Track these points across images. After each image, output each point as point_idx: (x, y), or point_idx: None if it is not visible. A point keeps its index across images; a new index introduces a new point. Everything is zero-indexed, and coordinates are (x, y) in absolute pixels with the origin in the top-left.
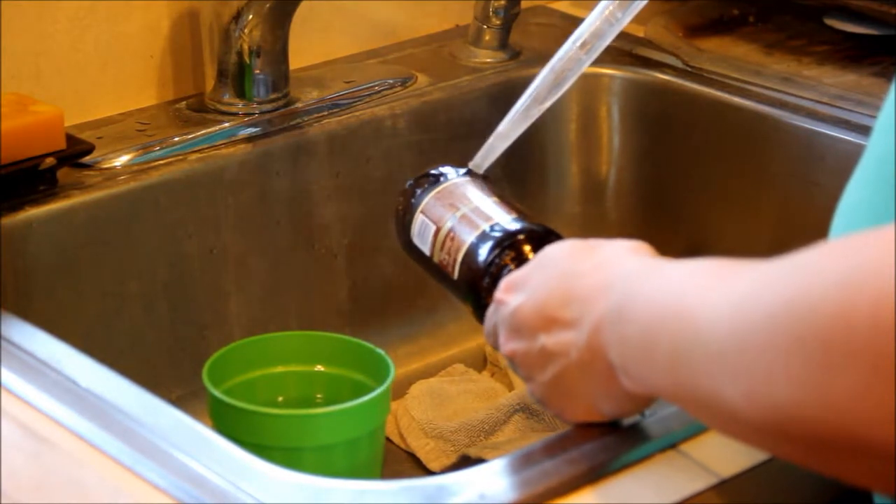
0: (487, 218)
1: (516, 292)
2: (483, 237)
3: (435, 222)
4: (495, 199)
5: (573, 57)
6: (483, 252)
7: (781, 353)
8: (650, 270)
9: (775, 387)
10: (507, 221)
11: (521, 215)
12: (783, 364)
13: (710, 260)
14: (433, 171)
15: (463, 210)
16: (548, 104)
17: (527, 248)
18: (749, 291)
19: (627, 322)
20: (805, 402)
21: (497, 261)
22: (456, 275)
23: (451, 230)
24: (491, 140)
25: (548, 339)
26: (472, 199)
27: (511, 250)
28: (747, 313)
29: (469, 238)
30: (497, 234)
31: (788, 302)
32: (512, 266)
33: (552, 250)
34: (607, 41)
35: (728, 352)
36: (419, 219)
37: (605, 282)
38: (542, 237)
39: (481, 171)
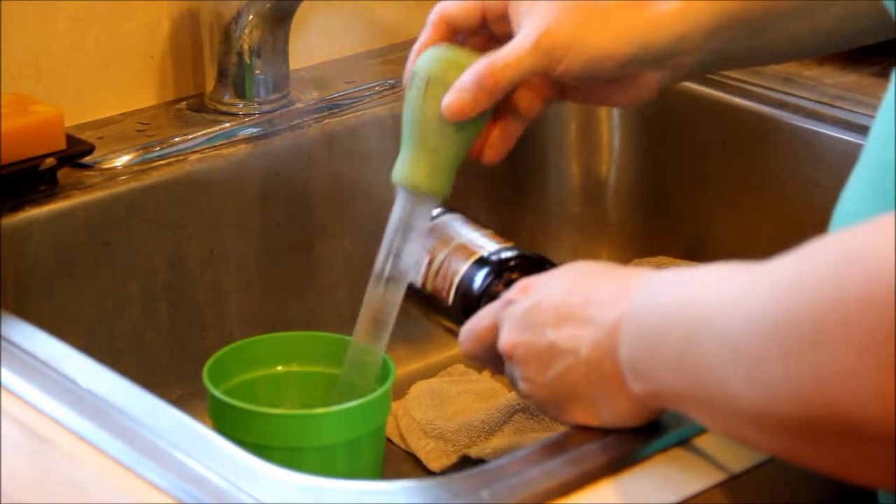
0: (481, 247)
1: (531, 292)
2: (478, 263)
3: (428, 253)
4: (487, 231)
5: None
6: (479, 277)
7: (780, 331)
8: (671, 275)
9: (772, 366)
10: (501, 250)
11: (513, 246)
12: (780, 343)
13: (728, 263)
14: None
15: (457, 241)
16: None
17: (520, 274)
18: (757, 278)
19: (645, 317)
20: (799, 381)
21: (492, 287)
22: (451, 300)
23: (445, 258)
24: None
25: (558, 335)
26: (465, 232)
27: (506, 276)
28: (753, 295)
29: (464, 265)
30: (493, 260)
31: (789, 283)
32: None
33: (576, 263)
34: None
35: (733, 333)
36: None
37: (631, 288)
38: (536, 264)
39: None
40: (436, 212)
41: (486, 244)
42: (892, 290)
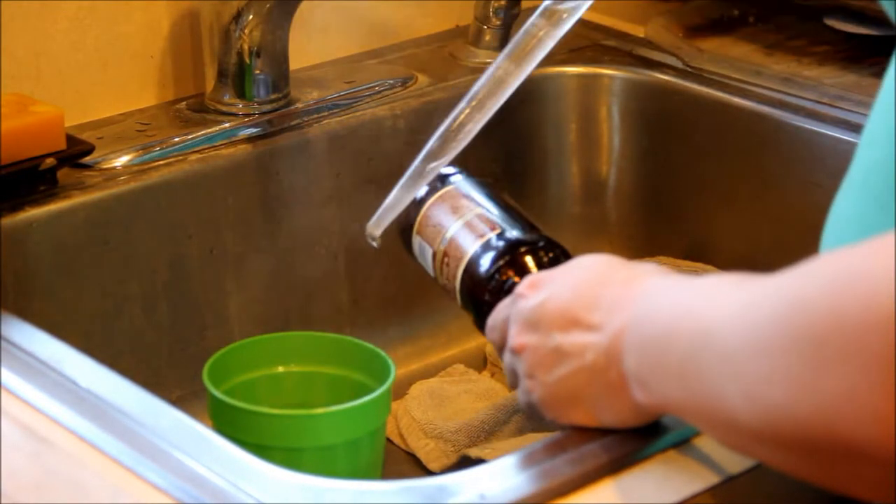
0: (493, 225)
1: (541, 289)
2: (487, 246)
3: (430, 243)
4: (500, 201)
5: (467, 114)
6: (485, 262)
7: (779, 352)
8: (673, 282)
9: (772, 387)
10: (511, 227)
11: (520, 222)
12: (780, 364)
13: (730, 274)
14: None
15: (469, 215)
16: (444, 160)
17: (528, 259)
18: (758, 295)
19: (647, 328)
20: (798, 402)
21: (497, 276)
22: (458, 281)
23: (444, 253)
24: (384, 206)
25: (564, 339)
26: (479, 202)
27: (512, 264)
28: (754, 314)
29: (474, 245)
30: (501, 245)
31: (790, 303)
32: (515, 279)
33: (584, 259)
34: (499, 99)
35: (733, 352)
36: (416, 240)
37: (634, 293)
38: (544, 247)
39: (376, 240)
40: (451, 170)
41: (499, 221)
42: (890, 313)
